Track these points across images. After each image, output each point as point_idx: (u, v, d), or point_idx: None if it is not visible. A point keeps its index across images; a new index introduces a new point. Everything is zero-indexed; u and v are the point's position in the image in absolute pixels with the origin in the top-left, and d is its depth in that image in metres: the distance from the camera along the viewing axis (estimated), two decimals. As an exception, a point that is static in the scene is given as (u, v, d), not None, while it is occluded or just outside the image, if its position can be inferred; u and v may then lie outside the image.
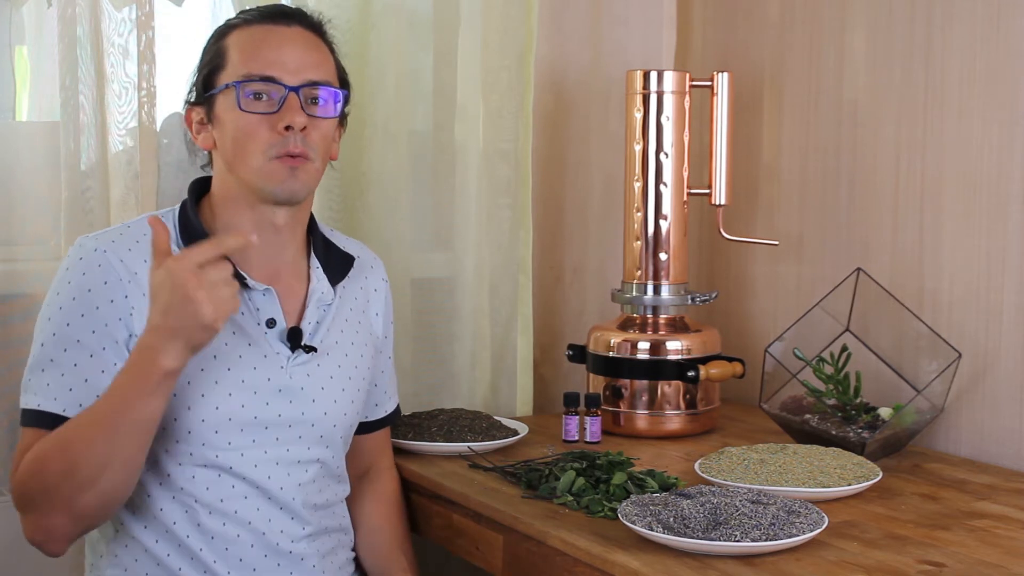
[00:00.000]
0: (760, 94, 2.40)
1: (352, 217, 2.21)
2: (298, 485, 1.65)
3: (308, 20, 1.68)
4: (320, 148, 1.64)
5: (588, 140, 2.47)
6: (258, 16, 1.65)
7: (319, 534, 1.69)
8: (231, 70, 1.62)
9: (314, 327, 1.69)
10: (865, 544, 1.51)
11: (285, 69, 1.61)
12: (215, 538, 1.60)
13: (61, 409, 1.54)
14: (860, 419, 1.95)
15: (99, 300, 1.56)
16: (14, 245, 2.02)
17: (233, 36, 1.65)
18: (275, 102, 1.60)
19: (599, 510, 1.63)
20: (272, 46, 1.62)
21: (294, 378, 1.65)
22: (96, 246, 1.59)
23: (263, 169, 1.60)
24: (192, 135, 1.69)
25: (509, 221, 2.32)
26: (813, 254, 2.30)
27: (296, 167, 1.61)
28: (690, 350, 2.15)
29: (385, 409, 1.89)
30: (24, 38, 2.17)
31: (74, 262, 1.59)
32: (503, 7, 2.27)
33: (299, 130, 1.60)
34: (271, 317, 1.64)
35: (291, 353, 1.65)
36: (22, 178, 2.02)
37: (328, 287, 1.72)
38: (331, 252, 1.76)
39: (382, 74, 2.18)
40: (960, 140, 2.02)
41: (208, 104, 1.64)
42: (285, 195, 1.62)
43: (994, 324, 1.97)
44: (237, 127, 1.61)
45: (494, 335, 2.32)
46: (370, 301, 1.81)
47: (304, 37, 1.65)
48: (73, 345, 1.55)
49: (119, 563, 1.61)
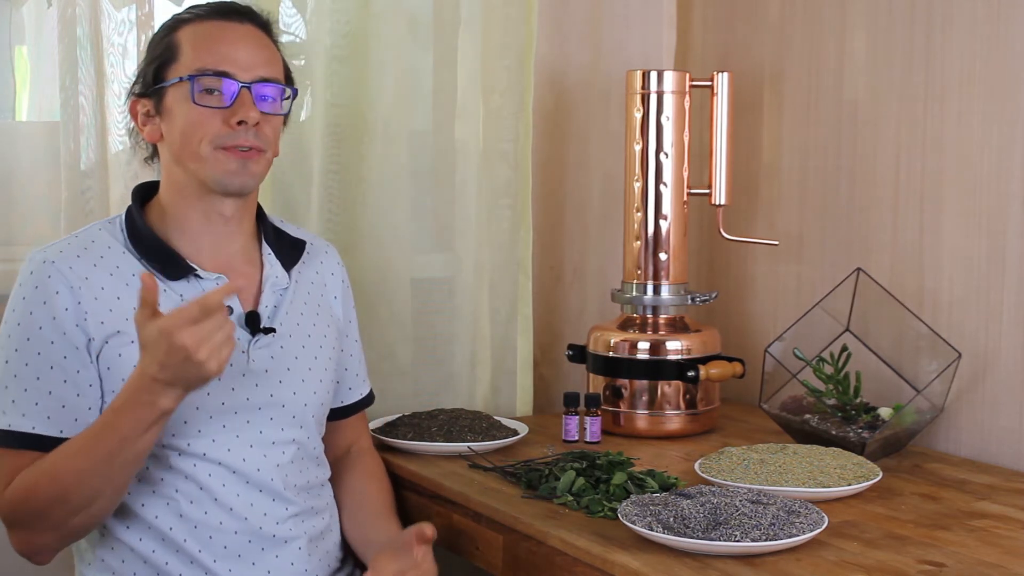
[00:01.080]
0: (760, 94, 2.40)
1: (352, 217, 2.21)
2: (276, 466, 1.66)
3: (258, 18, 1.71)
4: (271, 141, 1.67)
5: (588, 140, 2.47)
6: (210, 12, 1.68)
7: (305, 515, 1.69)
8: (184, 63, 1.64)
9: (272, 311, 1.70)
10: (865, 544, 1.51)
11: (238, 65, 1.63)
12: (198, 527, 1.60)
13: (31, 427, 1.56)
14: (860, 419, 1.95)
15: (54, 310, 1.57)
16: (14, 245, 2.02)
17: (185, 30, 1.66)
18: (227, 97, 1.62)
19: (599, 510, 1.63)
20: (226, 42, 1.65)
21: (257, 361, 1.66)
22: (44, 258, 1.61)
23: (211, 157, 1.62)
24: (138, 127, 1.70)
25: (509, 221, 2.32)
26: (813, 254, 2.30)
27: (248, 159, 1.64)
28: (690, 350, 2.15)
29: (360, 392, 1.91)
30: (24, 38, 2.17)
31: (26, 277, 1.61)
32: (503, 7, 2.27)
33: (252, 125, 1.62)
34: (227, 305, 1.64)
35: (251, 337, 1.67)
36: (22, 178, 2.03)
37: (282, 271, 1.74)
38: (282, 239, 1.78)
39: (382, 74, 2.18)
40: (960, 140, 2.02)
41: (157, 96, 1.66)
42: (236, 187, 1.65)
43: (994, 324, 1.97)
44: (188, 120, 1.63)
45: (494, 335, 2.32)
46: (327, 285, 1.83)
47: (255, 35, 1.68)
48: (34, 358, 1.57)
49: (106, 567, 1.62)
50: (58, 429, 1.56)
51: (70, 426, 1.56)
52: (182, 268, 1.64)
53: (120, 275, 1.62)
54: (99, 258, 1.63)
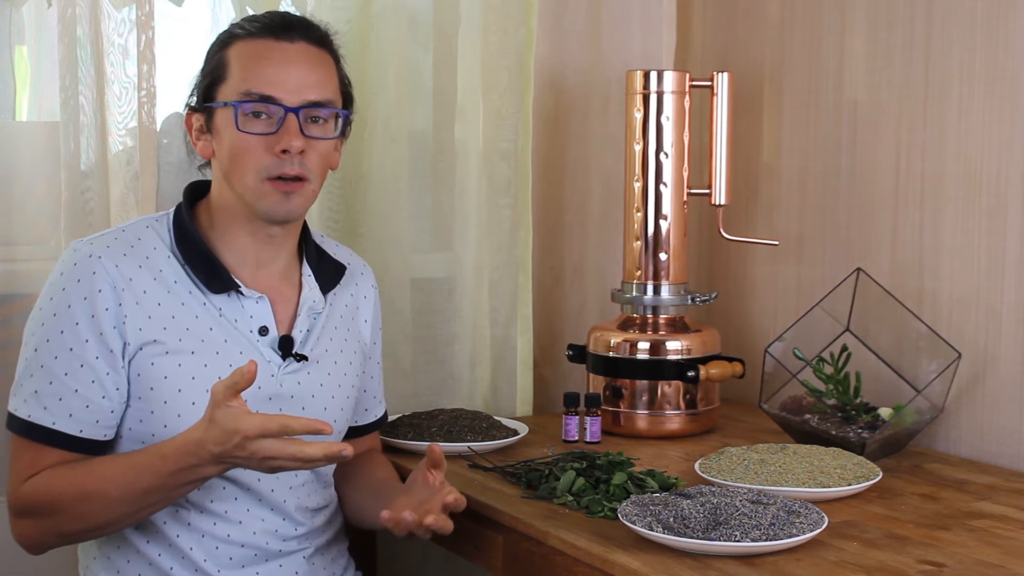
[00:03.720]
0: (760, 94, 2.40)
1: (352, 217, 2.21)
2: (289, 488, 1.66)
3: (312, 33, 1.65)
4: (317, 169, 1.63)
5: (588, 140, 2.47)
6: (261, 28, 1.62)
7: (312, 534, 1.70)
8: (231, 85, 1.60)
9: (304, 335, 1.69)
10: (865, 544, 1.51)
11: (285, 89, 1.59)
12: (205, 536, 1.60)
13: (51, 422, 1.55)
14: (860, 419, 1.95)
15: (95, 308, 1.55)
16: (14, 245, 2.02)
17: (235, 48, 1.62)
18: (274, 122, 1.59)
19: (599, 510, 1.63)
20: (273, 63, 1.60)
21: (284, 386, 1.65)
22: (91, 252, 1.58)
23: (257, 189, 1.60)
24: (192, 140, 1.68)
25: (509, 221, 2.32)
26: (813, 254, 2.30)
27: (291, 191, 1.61)
28: (690, 350, 2.15)
29: (375, 414, 1.90)
30: (24, 38, 2.17)
31: (68, 267, 1.58)
32: (503, 7, 2.27)
33: (296, 153, 1.59)
34: (264, 325, 1.64)
35: (282, 361, 1.65)
36: (22, 178, 2.02)
37: (319, 295, 1.72)
38: (323, 260, 1.76)
39: (382, 74, 2.18)
40: (960, 140, 2.02)
41: (208, 114, 1.63)
42: (280, 217, 1.63)
43: (994, 324, 1.97)
44: (234, 144, 1.60)
45: (494, 335, 2.33)
46: (359, 308, 1.82)
47: (307, 53, 1.62)
48: (65, 353, 1.55)
49: (112, 565, 1.62)
50: (78, 428, 1.55)
51: (90, 426, 1.56)
52: (226, 282, 1.62)
53: (163, 280, 1.60)
54: (144, 259, 1.60)
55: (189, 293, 1.61)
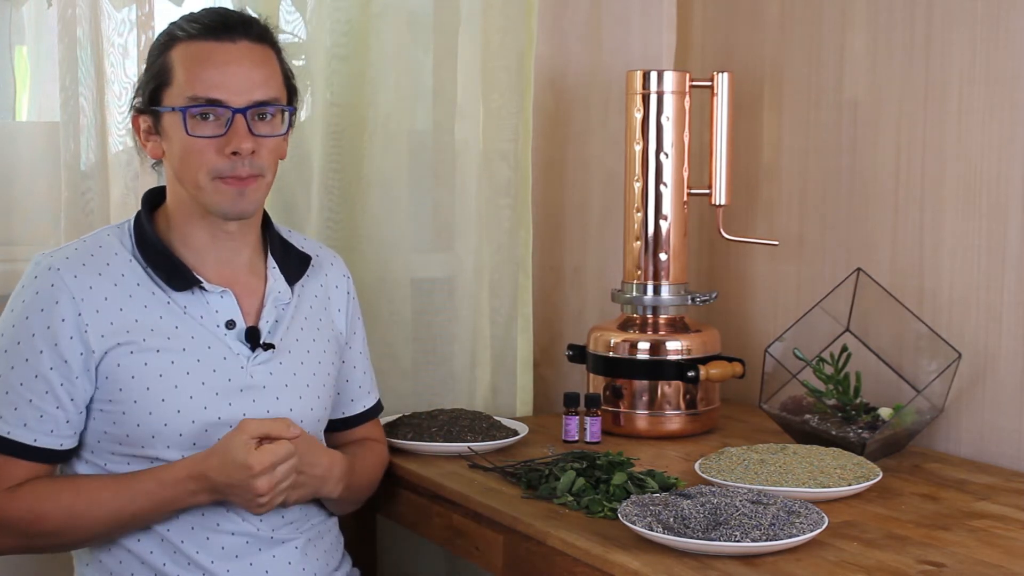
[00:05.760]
0: (760, 94, 2.40)
1: (352, 217, 2.21)
2: None
3: (253, 30, 1.64)
4: (269, 162, 1.64)
5: (588, 140, 2.47)
6: (202, 30, 1.62)
7: (300, 521, 1.70)
8: (176, 90, 1.60)
9: (272, 326, 1.70)
10: (865, 544, 1.51)
11: (230, 90, 1.59)
12: (195, 528, 1.61)
13: (6, 431, 1.57)
14: (860, 419, 1.95)
15: (51, 320, 1.57)
16: (14, 245, 2.02)
17: (178, 50, 1.62)
18: (222, 123, 1.60)
19: (599, 510, 1.63)
20: (217, 66, 1.60)
21: (255, 377, 1.66)
22: (50, 264, 1.60)
23: (208, 188, 1.61)
24: (140, 142, 1.69)
25: (509, 221, 2.32)
26: (813, 254, 2.30)
27: (246, 187, 1.62)
28: (690, 350, 2.15)
29: (363, 404, 1.90)
30: (24, 38, 2.17)
31: (29, 280, 1.61)
32: (503, 7, 2.27)
33: (247, 155, 1.60)
34: (230, 319, 1.66)
35: (251, 352, 1.67)
36: (22, 178, 2.03)
37: (285, 286, 1.73)
38: (289, 253, 1.77)
39: (382, 74, 2.18)
40: (960, 140, 2.02)
41: (155, 116, 1.64)
42: (235, 214, 1.64)
43: (994, 324, 1.97)
44: (184, 147, 1.61)
45: (494, 335, 2.32)
46: (331, 298, 1.82)
47: (249, 52, 1.62)
48: (21, 364, 1.57)
49: (104, 568, 1.62)
50: (32, 438, 1.57)
51: (45, 436, 1.58)
52: (188, 279, 1.64)
53: (125, 285, 1.62)
54: (105, 266, 1.62)
55: (152, 294, 1.63)
